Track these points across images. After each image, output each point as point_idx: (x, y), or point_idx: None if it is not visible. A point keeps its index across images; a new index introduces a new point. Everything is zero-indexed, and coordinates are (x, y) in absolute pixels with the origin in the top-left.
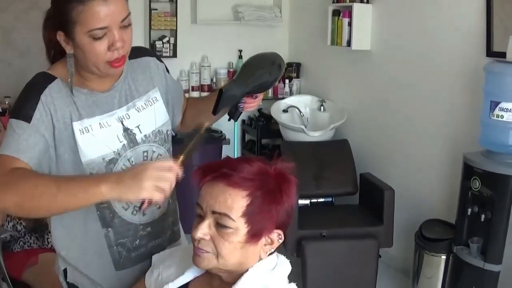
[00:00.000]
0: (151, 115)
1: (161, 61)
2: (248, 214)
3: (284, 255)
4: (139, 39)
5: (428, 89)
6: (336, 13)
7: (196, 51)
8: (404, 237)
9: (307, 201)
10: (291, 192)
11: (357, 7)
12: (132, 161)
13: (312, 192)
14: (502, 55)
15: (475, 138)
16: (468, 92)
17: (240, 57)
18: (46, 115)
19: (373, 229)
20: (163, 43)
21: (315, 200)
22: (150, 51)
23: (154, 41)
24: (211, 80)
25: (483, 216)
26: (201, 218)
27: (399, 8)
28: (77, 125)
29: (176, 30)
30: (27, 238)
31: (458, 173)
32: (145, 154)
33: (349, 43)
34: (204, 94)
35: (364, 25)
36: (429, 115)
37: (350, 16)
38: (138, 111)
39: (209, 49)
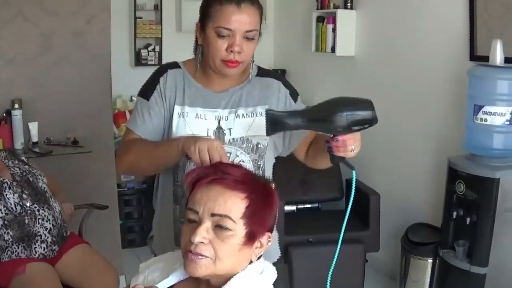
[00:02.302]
0: (246, 124)
1: (290, 88)
2: (247, 216)
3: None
4: (124, 47)
5: (413, 94)
6: (320, 19)
7: (181, 59)
8: (390, 241)
9: (293, 207)
10: (276, 196)
11: (341, 13)
12: None
13: (298, 198)
14: (486, 59)
15: (459, 142)
16: (452, 96)
17: None
18: (159, 96)
19: (359, 234)
20: (148, 51)
21: (301, 206)
22: (281, 76)
23: (140, 49)
24: None
25: (468, 219)
26: (195, 223)
27: (383, 14)
28: (177, 108)
29: (161, 38)
30: (14, 248)
31: (443, 177)
32: (229, 155)
33: (333, 49)
34: None
35: (348, 31)
36: (413, 119)
37: (334, 22)
38: (237, 117)
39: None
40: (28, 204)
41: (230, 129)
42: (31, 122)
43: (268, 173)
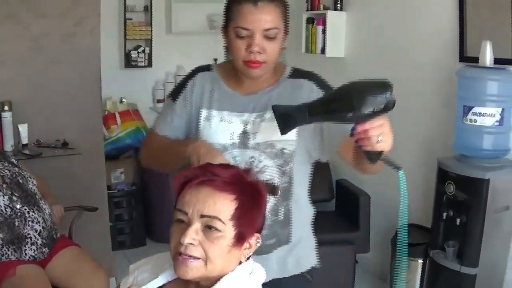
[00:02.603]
0: (272, 128)
1: (326, 88)
2: (236, 218)
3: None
4: (114, 49)
5: (402, 95)
6: (310, 20)
7: (171, 61)
8: (380, 242)
9: None
10: (265, 196)
11: (331, 15)
12: (237, 160)
13: None
14: (475, 60)
15: (449, 142)
16: (441, 97)
17: None
18: (185, 99)
19: (349, 235)
20: (138, 52)
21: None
22: (316, 77)
23: (129, 51)
24: None
25: (458, 220)
26: (184, 224)
27: (373, 15)
28: (204, 112)
29: (151, 40)
30: (4, 250)
31: (433, 177)
32: (252, 159)
33: (323, 51)
34: None
35: (338, 32)
36: (403, 120)
37: (324, 23)
38: (263, 121)
39: (184, 59)
40: (18, 206)
41: (255, 133)
42: (21, 124)
43: (297, 180)
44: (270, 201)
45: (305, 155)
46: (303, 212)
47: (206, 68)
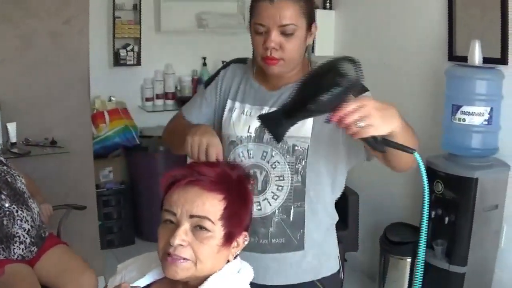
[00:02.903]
0: None
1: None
2: (225, 218)
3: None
4: (102, 47)
5: (391, 94)
6: None
7: (160, 59)
8: (369, 241)
9: None
10: (251, 194)
11: (319, 14)
12: (250, 153)
13: None
14: (464, 59)
15: (437, 141)
16: (430, 96)
17: (204, 64)
18: (215, 88)
19: (338, 233)
20: (127, 51)
21: None
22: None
23: (118, 49)
24: (176, 88)
25: (447, 218)
26: (173, 224)
27: (362, 14)
28: (229, 103)
29: (140, 38)
30: None
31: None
32: (265, 154)
33: (312, 49)
34: (169, 102)
35: (327, 31)
36: None
37: None
38: None
39: (173, 57)
40: (6, 205)
41: None
42: (9, 123)
43: (313, 181)
44: (279, 198)
45: (326, 156)
46: (320, 217)
47: (242, 60)
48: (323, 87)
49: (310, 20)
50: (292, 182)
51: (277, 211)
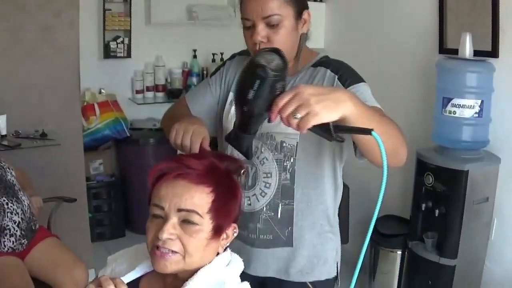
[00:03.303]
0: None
1: (342, 73)
2: (213, 210)
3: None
4: (92, 39)
5: (382, 86)
6: None
7: (151, 52)
8: (359, 233)
9: None
10: (239, 185)
11: (310, 6)
12: None
13: None
14: (455, 52)
15: (428, 134)
16: (421, 88)
17: (195, 56)
18: (219, 78)
19: None
20: (117, 43)
21: None
22: (336, 63)
23: (108, 42)
24: (166, 80)
25: (437, 211)
26: (161, 218)
27: (353, 6)
28: (231, 95)
29: (130, 31)
30: None
31: (411, 169)
32: (256, 149)
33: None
34: (159, 94)
35: (317, 23)
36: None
37: None
38: None
39: (163, 49)
40: None
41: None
42: None
43: (303, 179)
44: (267, 195)
45: (317, 154)
46: (314, 219)
47: (247, 52)
48: (248, 85)
49: (300, 8)
50: (280, 179)
51: (265, 208)
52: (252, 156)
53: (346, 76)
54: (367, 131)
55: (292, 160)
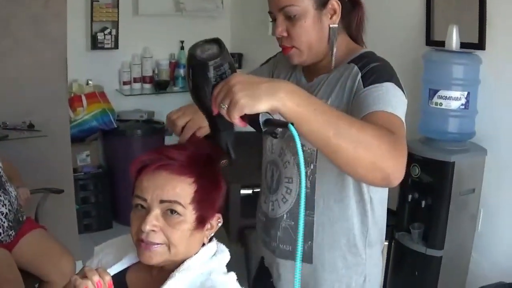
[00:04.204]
0: None
1: (366, 71)
2: (196, 201)
3: (227, 245)
4: (80, 31)
5: None
6: None
7: (138, 43)
8: None
9: (249, 191)
10: (222, 175)
11: None
12: (273, 148)
13: (255, 181)
14: (442, 44)
15: (414, 125)
16: (407, 80)
17: (182, 48)
18: (270, 67)
19: None
20: (104, 34)
21: (257, 190)
22: (366, 58)
23: (96, 33)
24: (153, 71)
25: (423, 202)
26: (144, 210)
27: None
28: None
29: (117, 22)
30: None
31: None
32: (281, 151)
33: None
34: (146, 86)
35: None
36: None
37: None
38: None
39: (151, 41)
40: None
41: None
42: None
43: (325, 190)
44: (288, 202)
45: None
46: (335, 236)
47: None
48: (187, 75)
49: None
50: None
51: (285, 215)
52: (233, 155)
53: (371, 74)
54: (285, 125)
55: (312, 167)
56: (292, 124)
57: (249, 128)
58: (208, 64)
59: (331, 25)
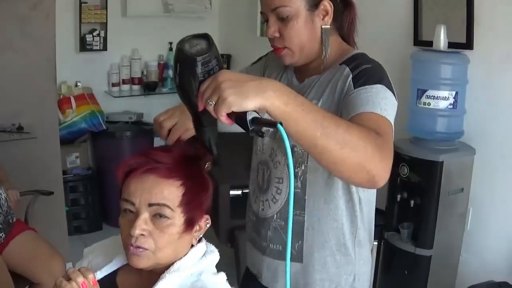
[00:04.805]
0: None
1: (357, 72)
2: (184, 204)
3: (217, 246)
4: (69, 32)
5: None
6: None
7: (127, 44)
8: None
9: (239, 192)
10: (207, 176)
11: None
12: (263, 148)
13: (244, 182)
14: (429, 44)
15: (403, 125)
16: (396, 80)
17: (171, 49)
18: (261, 66)
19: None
20: (93, 36)
21: (247, 190)
22: (359, 60)
23: (85, 34)
24: (142, 73)
25: (412, 202)
26: (132, 214)
27: None
28: None
29: (106, 23)
30: None
31: None
32: (272, 151)
33: None
34: (135, 87)
35: None
36: None
37: None
38: None
39: (139, 42)
40: None
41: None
42: None
43: (315, 191)
44: (278, 202)
45: None
46: (325, 236)
47: None
48: (174, 70)
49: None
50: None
51: (275, 215)
52: (215, 151)
53: (362, 75)
54: (274, 124)
55: (303, 167)
56: (281, 123)
57: (238, 129)
58: (196, 60)
59: (323, 26)
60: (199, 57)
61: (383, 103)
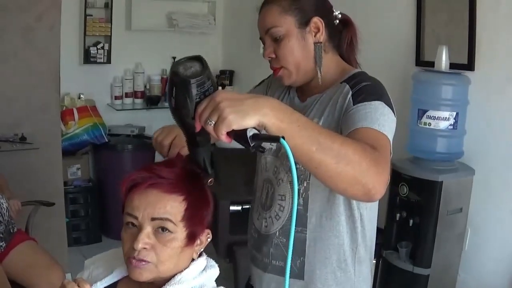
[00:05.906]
0: None
1: (357, 90)
2: (186, 218)
3: (216, 261)
4: (73, 44)
5: None
6: None
7: (130, 58)
8: None
9: (238, 207)
10: (209, 191)
11: None
12: (266, 166)
13: (243, 198)
14: (431, 64)
15: (403, 145)
16: (396, 100)
17: None
18: (263, 88)
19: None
20: (97, 49)
21: (246, 206)
22: (359, 79)
23: (89, 47)
24: (145, 86)
25: (411, 221)
26: (135, 227)
27: None
28: None
29: (110, 37)
30: None
31: None
32: (275, 169)
33: None
34: (138, 101)
35: None
36: None
37: None
38: None
39: (143, 56)
40: None
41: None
42: None
43: (316, 208)
44: (280, 219)
45: None
46: (326, 253)
47: None
48: (169, 94)
49: (304, 15)
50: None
51: (277, 232)
52: (210, 170)
53: (361, 92)
54: (276, 139)
55: (305, 184)
56: (283, 137)
57: (237, 145)
58: (191, 82)
59: (315, 43)
60: (194, 79)
61: (381, 119)
